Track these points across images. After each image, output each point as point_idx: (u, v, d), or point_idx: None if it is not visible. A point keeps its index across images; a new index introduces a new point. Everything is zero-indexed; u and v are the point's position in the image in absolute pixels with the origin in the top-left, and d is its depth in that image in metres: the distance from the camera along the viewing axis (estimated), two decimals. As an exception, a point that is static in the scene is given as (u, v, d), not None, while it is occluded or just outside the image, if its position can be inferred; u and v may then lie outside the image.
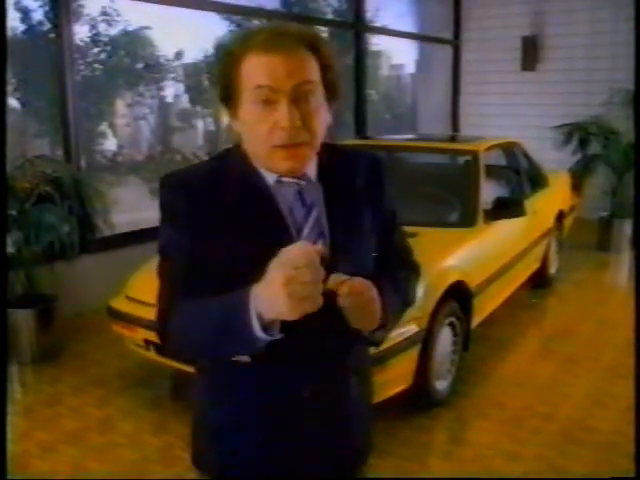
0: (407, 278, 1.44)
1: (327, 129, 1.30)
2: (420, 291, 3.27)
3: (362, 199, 1.35)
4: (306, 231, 1.27)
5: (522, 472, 2.97)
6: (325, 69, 1.25)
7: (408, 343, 3.14)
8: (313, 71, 1.23)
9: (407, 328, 3.11)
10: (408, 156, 5.38)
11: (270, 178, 1.28)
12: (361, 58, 7.65)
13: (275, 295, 1.04)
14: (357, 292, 1.17)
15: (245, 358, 1.26)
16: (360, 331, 1.26)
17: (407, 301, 1.44)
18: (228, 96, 1.26)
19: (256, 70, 1.20)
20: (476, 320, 3.92)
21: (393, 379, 3.12)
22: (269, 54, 1.19)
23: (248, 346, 1.15)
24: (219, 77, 1.26)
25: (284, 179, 1.27)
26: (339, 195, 1.32)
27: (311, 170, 1.30)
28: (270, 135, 1.20)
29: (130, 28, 6.59)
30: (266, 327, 1.10)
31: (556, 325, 4.94)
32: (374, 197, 1.38)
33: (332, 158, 1.35)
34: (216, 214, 1.25)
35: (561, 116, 7.43)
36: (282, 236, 1.23)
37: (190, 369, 1.53)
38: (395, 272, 1.39)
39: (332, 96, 1.29)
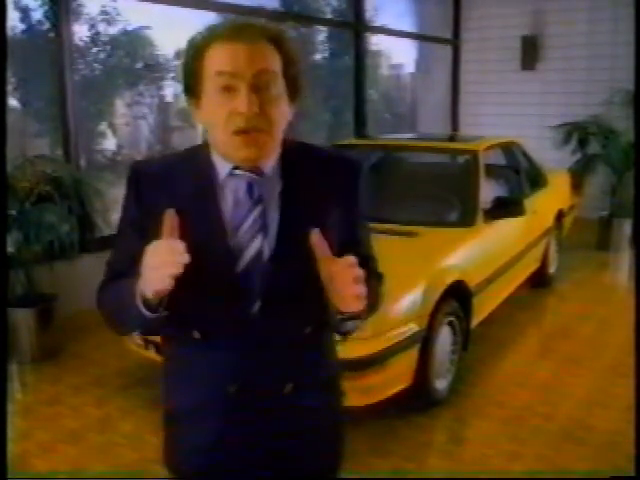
0: (374, 282, 1.42)
1: (288, 124, 1.31)
2: (420, 290, 3.28)
3: (327, 199, 1.34)
4: (246, 225, 1.28)
5: (522, 472, 2.97)
6: (287, 63, 1.28)
7: (408, 342, 3.15)
8: (274, 63, 1.25)
9: (407, 327, 3.12)
10: (408, 156, 5.39)
11: (223, 170, 1.30)
12: (361, 58, 7.64)
13: (142, 275, 1.17)
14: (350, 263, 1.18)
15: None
16: (307, 317, 1.28)
17: (375, 304, 1.42)
18: (191, 86, 1.28)
19: (218, 57, 1.23)
20: (476, 319, 3.92)
21: (393, 378, 3.12)
22: (231, 42, 1.22)
23: (140, 322, 1.23)
24: (184, 68, 1.29)
25: (237, 171, 1.28)
26: (299, 192, 1.32)
27: (270, 164, 1.31)
28: (228, 121, 1.23)
29: (130, 28, 6.58)
30: (155, 306, 1.19)
31: (556, 325, 4.94)
32: (342, 200, 1.37)
33: (299, 155, 1.36)
34: (163, 203, 1.26)
35: (561, 115, 7.43)
36: (216, 231, 1.27)
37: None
38: (367, 273, 1.37)
39: (294, 91, 1.31)
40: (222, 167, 1.30)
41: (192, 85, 1.28)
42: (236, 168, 1.28)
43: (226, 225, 1.28)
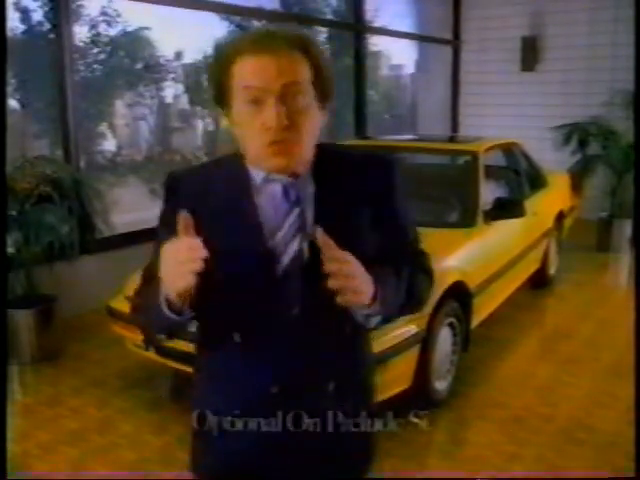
0: (415, 277, 1.40)
1: (320, 129, 1.31)
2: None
3: (362, 200, 1.34)
4: (285, 226, 1.29)
5: (522, 472, 2.97)
6: (316, 70, 1.27)
7: (408, 343, 3.15)
8: (303, 72, 1.24)
9: (407, 328, 3.11)
10: (408, 156, 5.38)
11: (258, 177, 1.30)
12: (361, 58, 7.65)
13: (162, 275, 1.17)
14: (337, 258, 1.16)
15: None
16: (348, 316, 1.26)
17: (414, 299, 1.41)
18: (221, 98, 1.29)
19: (245, 71, 1.22)
20: (476, 320, 3.92)
21: (393, 379, 3.12)
22: (257, 55, 1.21)
23: (165, 324, 1.26)
24: (212, 80, 1.29)
25: (271, 176, 1.29)
26: (333, 193, 1.32)
27: (303, 168, 1.31)
28: (259, 134, 1.23)
29: (130, 28, 6.59)
30: (179, 309, 1.20)
31: (556, 325, 4.94)
32: (377, 198, 1.36)
33: (332, 158, 1.35)
34: (201, 211, 1.28)
35: (561, 116, 7.43)
36: (255, 235, 1.28)
37: (190, 370, 1.54)
38: (401, 268, 1.36)
39: (324, 97, 1.30)
40: (256, 174, 1.31)
41: (221, 97, 1.28)
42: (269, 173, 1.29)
43: (265, 229, 1.28)
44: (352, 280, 1.17)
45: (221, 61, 1.26)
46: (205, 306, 1.23)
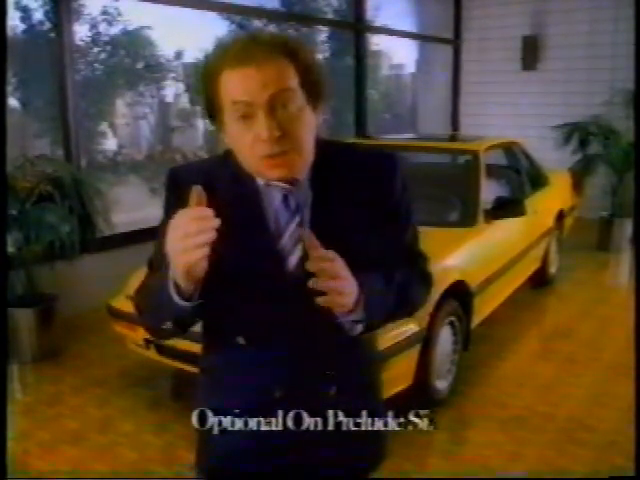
0: (411, 280, 1.38)
1: (318, 130, 1.28)
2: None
3: (360, 200, 1.31)
4: (287, 235, 1.27)
5: (522, 472, 2.96)
6: (304, 73, 1.23)
7: (408, 342, 3.14)
8: (289, 78, 1.21)
9: (407, 327, 3.11)
10: (408, 156, 5.38)
11: (260, 181, 1.29)
12: (361, 58, 7.64)
13: (169, 254, 1.12)
14: (325, 257, 1.15)
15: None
16: (334, 320, 1.24)
17: (408, 304, 1.40)
18: (212, 113, 1.27)
19: (231, 85, 1.19)
20: (476, 319, 3.92)
21: (393, 378, 3.11)
22: (241, 68, 1.18)
23: (173, 312, 1.21)
24: (201, 95, 1.26)
25: (271, 182, 1.27)
26: (329, 198, 1.29)
27: (303, 172, 1.28)
28: (253, 148, 1.20)
29: (130, 28, 6.58)
30: (189, 295, 1.16)
31: (556, 325, 4.94)
32: (378, 197, 1.33)
33: (331, 158, 1.32)
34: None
35: (561, 116, 7.42)
36: (261, 238, 1.26)
37: (191, 369, 1.54)
38: (393, 273, 1.33)
39: (316, 97, 1.27)
40: (259, 179, 1.29)
41: (213, 112, 1.26)
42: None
43: (271, 231, 1.27)
44: (335, 280, 1.15)
45: (207, 75, 1.23)
46: (210, 308, 1.22)
